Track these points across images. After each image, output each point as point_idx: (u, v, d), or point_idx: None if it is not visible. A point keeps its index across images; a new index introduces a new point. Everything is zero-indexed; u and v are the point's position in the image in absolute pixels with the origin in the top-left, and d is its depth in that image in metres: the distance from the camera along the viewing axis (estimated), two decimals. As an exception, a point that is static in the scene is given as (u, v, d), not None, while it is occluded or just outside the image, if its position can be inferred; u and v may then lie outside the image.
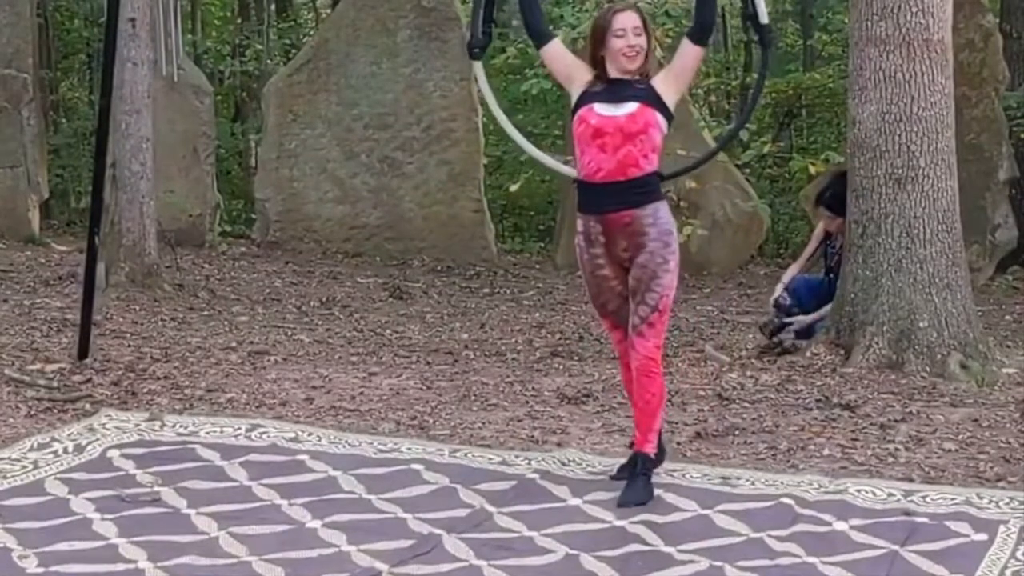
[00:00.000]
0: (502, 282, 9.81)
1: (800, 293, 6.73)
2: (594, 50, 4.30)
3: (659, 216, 4.26)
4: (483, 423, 5.27)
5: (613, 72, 4.28)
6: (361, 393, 5.71)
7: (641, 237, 4.24)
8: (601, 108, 4.23)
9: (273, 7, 16.32)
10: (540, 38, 4.42)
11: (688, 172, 5.37)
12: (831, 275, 6.74)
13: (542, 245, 12.33)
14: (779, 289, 6.80)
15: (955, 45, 6.63)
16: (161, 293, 8.18)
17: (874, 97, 6.24)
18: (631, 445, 4.47)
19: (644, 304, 4.26)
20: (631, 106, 4.20)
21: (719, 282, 9.98)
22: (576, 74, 4.36)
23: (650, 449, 4.36)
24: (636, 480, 4.30)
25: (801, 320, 6.59)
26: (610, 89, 4.25)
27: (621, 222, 4.24)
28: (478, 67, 4.75)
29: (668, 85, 4.27)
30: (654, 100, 4.24)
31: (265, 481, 4.46)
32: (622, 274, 4.32)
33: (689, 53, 4.29)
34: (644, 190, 4.25)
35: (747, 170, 11.54)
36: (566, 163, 4.95)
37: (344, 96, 10.74)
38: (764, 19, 4.39)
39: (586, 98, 4.29)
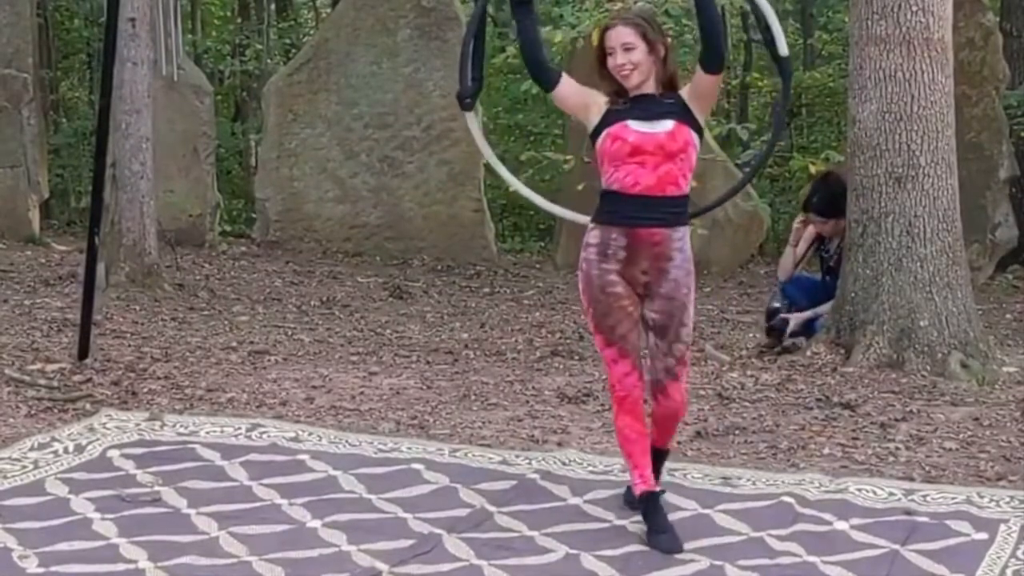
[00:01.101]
0: (502, 282, 9.81)
1: (793, 295, 6.72)
2: (601, 67, 4.04)
3: (686, 243, 4.01)
4: (483, 423, 5.27)
5: (633, 92, 4.01)
6: (361, 393, 5.71)
7: (666, 262, 3.96)
8: (636, 125, 3.94)
9: (273, 7, 16.32)
10: (548, 81, 4.09)
11: (713, 208, 5.05)
12: (827, 277, 6.74)
13: (542, 244, 12.33)
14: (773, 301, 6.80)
15: (955, 44, 6.62)
16: (161, 293, 8.18)
17: (874, 96, 6.23)
18: (641, 495, 4.03)
19: (680, 341, 3.99)
20: (668, 123, 3.94)
21: (719, 281, 9.98)
22: (592, 99, 4.05)
23: (645, 483, 4.03)
24: (662, 526, 3.94)
25: (797, 317, 6.58)
26: (639, 105, 3.97)
27: (651, 240, 3.95)
28: (470, 117, 4.43)
29: (694, 104, 4.01)
30: (687, 117, 3.98)
31: (265, 481, 4.46)
32: (634, 297, 3.99)
33: (701, 82, 4.01)
34: (678, 211, 4.00)
35: (747, 169, 11.52)
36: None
37: (344, 96, 10.74)
38: (784, 51, 4.18)
39: (613, 115, 3.98)
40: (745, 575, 3.70)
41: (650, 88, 3.98)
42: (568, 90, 4.09)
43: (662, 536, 3.90)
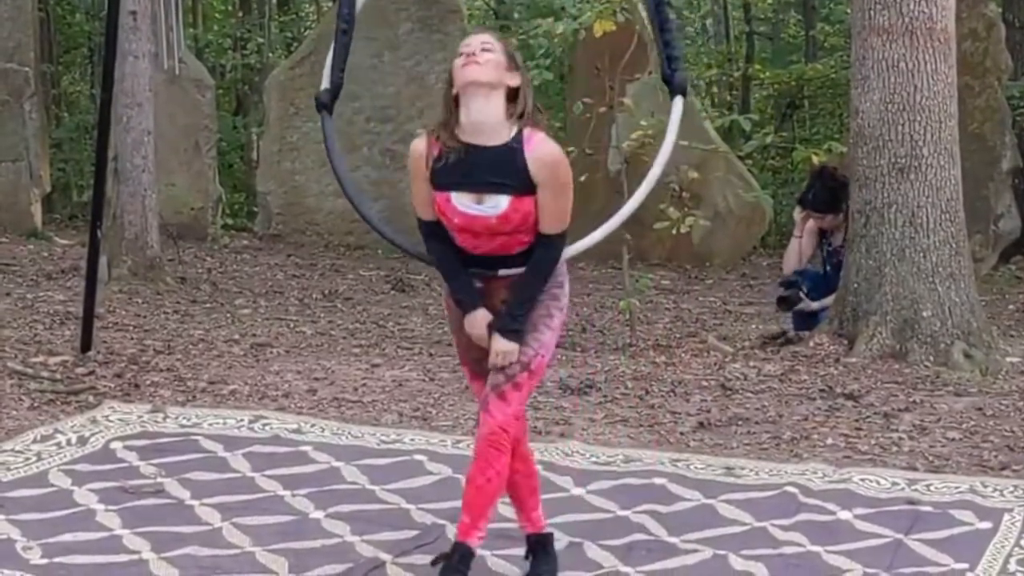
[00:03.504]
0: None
1: (798, 280, 6.71)
2: (446, 95, 3.41)
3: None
4: (486, 414, 5.26)
5: (468, 129, 3.34)
6: (364, 385, 5.71)
7: None
8: (460, 201, 3.35)
9: (274, 0, 16.31)
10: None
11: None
12: (828, 269, 6.72)
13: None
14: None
15: (958, 35, 6.61)
16: (163, 286, 8.18)
17: (877, 87, 6.22)
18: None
19: (516, 361, 3.40)
20: (501, 201, 3.32)
21: (721, 273, 9.97)
22: (420, 163, 3.43)
23: (477, 541, 3.45)
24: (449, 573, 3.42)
25: (807, 304, 6.57)
26: (466, 164, 3.33)
27: (506, 282, 3.46)
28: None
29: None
30: (527, 184, 3.31)
31: (268, 472, 4.46)
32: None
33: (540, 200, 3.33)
34: (530, 251, 3.43)
35: (749, 161, 11.53)
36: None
37: (345, 89, 10.65)
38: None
39: (438, 176, 3.38)
40: (749, 565, 3.70)
41: (493, 116, 3.34)
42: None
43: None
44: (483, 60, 3.34)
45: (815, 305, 6.58)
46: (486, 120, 3.35)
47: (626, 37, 7.31)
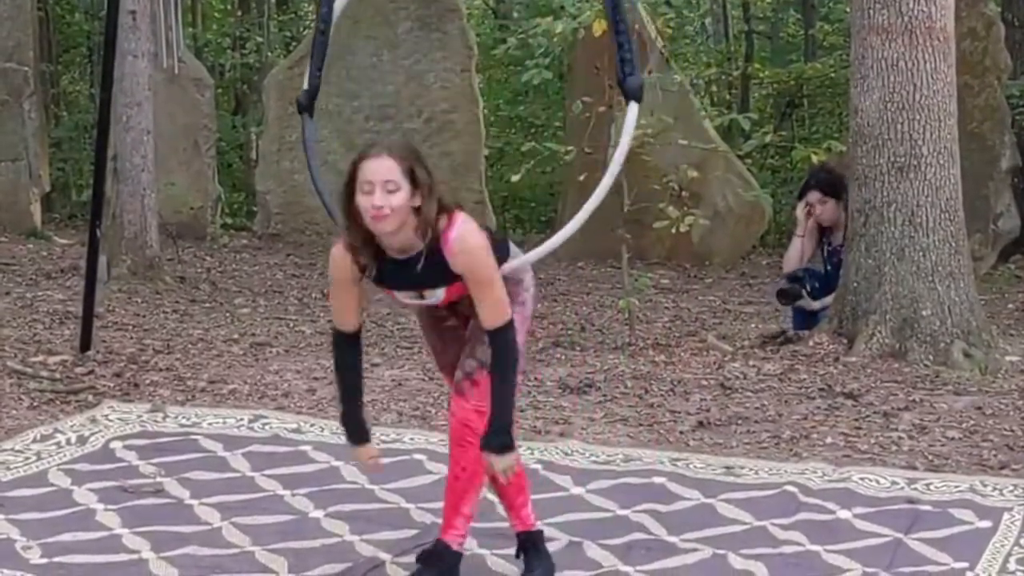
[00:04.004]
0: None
1: (804, 277, 6.70)
2: (350, 202, 3.32)
3: (508, 273, 3.49)
4: (486, 413, 5.26)
5: (386, 248, 3.34)
6: (363, 384, 5.70)
7: None
8: (404, 295, 3.48)
9: (273, 0, 16.30)
10: None
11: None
12: (828, 268, 6.72)
13: (544, 236, 12.31)
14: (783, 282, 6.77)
15: (957, 34, 6.60)
16: (163, 285, 8.18)
17: (876, 85, 6.22)
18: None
19: (472, 357, 3.43)
20: (439, 293, 3.41)
21: (721, 272, 9.97)
22: (345, 274, 3.41)
23: (454, 538, 3.48)
24: (426, 571, 3.49)
25: (808, 302, 6.57)
26: (396, 273, 3.37)
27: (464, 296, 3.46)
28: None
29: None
30: (456, 276, 3.35)
31: (268, 472, 4.46)
32: (466, 322, 3.52)
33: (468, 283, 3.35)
34: None
35: (749, 160, 11.53)
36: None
37: (345, 88, 10.73)
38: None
39: (375, 280, 3.43)
40: (748, 564, 3.69)
41: (407, 240, 3.32)
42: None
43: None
44: (389, 210, 3.25)
45: (815, 304, 6.58)
46: (402, 243, 3.34)
47: (625, 36, 7.30)
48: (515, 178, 9.08)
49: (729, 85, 15.57)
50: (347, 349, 3.63)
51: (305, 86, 3.97)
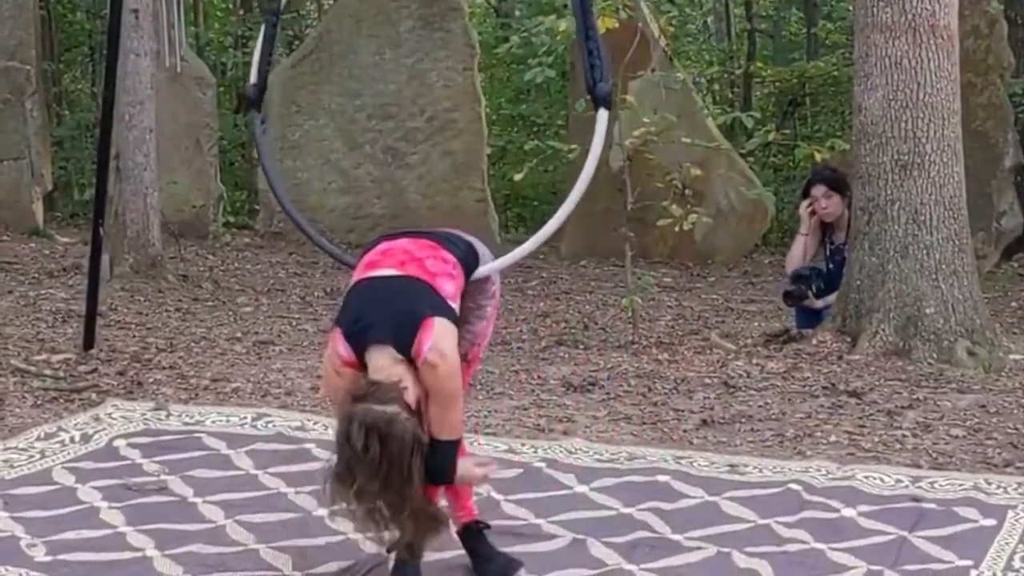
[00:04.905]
0: (506, 271, 9.76)
1: (811, 276, 6.69)
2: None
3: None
4: (489, 411, 5.26)
5: None
6: (366, 382, 5.70)
7: None
8: None
9: (275, -2, 16.30)
10: None
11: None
12: (831, 267, 6.71)
13: (545, 235, 12.29)
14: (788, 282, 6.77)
15: (960, 32, 6.59)
16: (165, 284, 8.18)
17: (880, 83, 6.21)
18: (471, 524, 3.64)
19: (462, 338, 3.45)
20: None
21: (724, 270, 9.97)
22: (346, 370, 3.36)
23: (469, 515, 3.62)
24: (491, 553, 3.59)
25: (812, 301, 6.56)
26: None
27: None
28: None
29: None
30: None
31: (271, 470, 4.46)
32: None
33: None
34: None
35: (751, 158, 11.52)
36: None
37: (347, 87, 10.73)
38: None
39: None
40: (752, 562, 3.69)
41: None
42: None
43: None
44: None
45: (819, 303, 6.58)
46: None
47: (628, 34, 7.31)
48: (518, 177, 9.09)
49: (731, 83, 15.58)
50: None
51: (253, 80, 3.89)
